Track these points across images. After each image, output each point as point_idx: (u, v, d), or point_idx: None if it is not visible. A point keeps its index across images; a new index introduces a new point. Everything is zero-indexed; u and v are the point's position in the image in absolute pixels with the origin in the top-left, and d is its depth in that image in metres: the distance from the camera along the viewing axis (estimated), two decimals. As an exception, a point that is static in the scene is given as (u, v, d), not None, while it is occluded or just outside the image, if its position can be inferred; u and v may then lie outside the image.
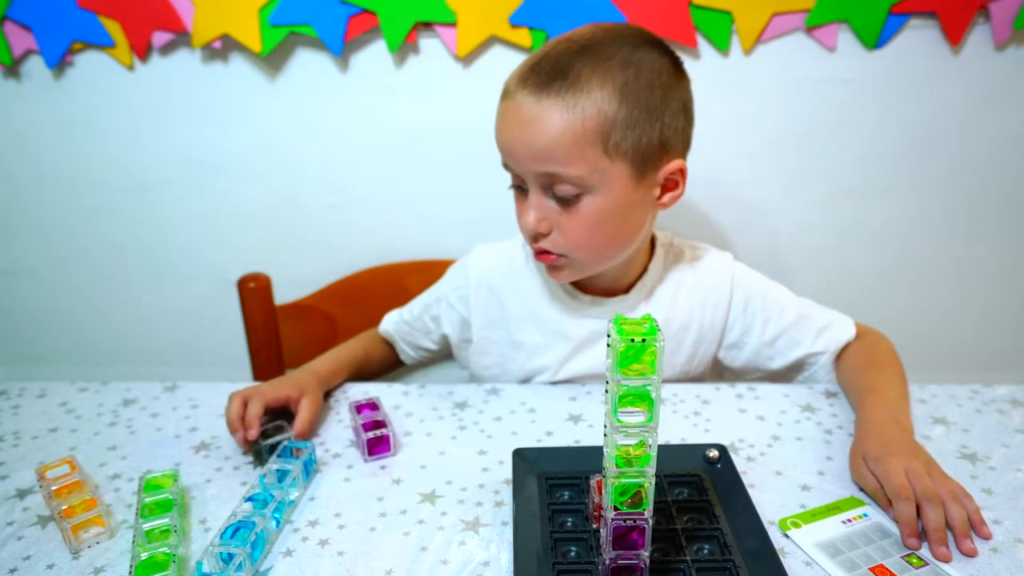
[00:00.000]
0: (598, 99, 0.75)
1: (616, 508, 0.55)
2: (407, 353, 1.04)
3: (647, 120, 0.76)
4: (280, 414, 0.81)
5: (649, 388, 0.52)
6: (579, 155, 0.75)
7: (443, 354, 1.04)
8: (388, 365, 1.05)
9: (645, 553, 0.57)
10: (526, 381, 0.94)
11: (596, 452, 0.59)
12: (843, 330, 0.90)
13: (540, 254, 0.84)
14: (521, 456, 0.71)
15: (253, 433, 0.76)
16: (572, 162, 0.76)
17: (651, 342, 0.50)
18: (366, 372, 0.99)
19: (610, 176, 0.77)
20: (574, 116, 0.74)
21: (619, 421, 0.53)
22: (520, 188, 0.82)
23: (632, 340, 0.50)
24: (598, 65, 0.75)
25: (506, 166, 0.82)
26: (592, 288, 0.91)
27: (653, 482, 0.55)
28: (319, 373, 0.88)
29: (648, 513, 0.55)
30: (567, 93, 0.74)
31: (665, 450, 0.69)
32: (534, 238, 0.82)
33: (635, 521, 0.56)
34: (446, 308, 0.97)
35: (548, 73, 0.76)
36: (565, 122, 0.75)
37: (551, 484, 0.68)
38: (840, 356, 0.90)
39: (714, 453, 0.71)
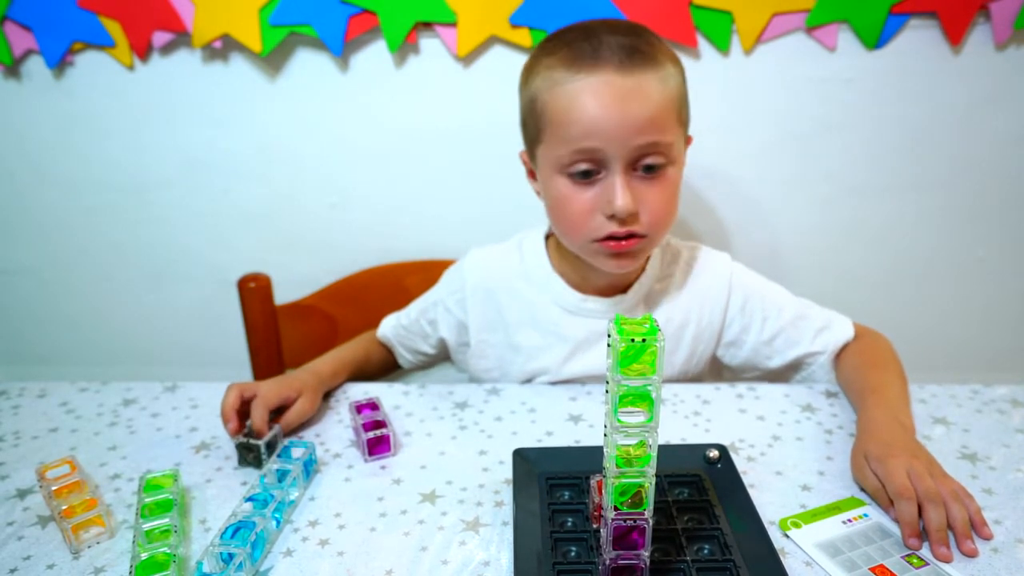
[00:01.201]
0: (672, 73, 0.79)
1: (616, 508, 0.55)
2: (405, 357, 1.04)
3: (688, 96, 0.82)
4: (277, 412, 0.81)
5: (649, 388, 0.52)
6: (671, 124, 0.79)
7: (441, 358, 1.04)
8: (387, 368, 1.05)
9: (645, 553, 0.57)
10: (526, 383, 0.93)
11: (596, 452, 0.59)
12: (841, 330, 0.91)
13: (622, 240, 0.80)
14: (521, 456, 0.71)
15: (263, 431, 0.76)
16: (668, 130, 0.79)
17: (651, 342, 0.50)
18: (366, 374, 0.99)
19: (680, 145, 0.81)
20: (665, 87, 0.78)
21: (619, 421, 0.53)
22: (586, 175, 0.79)
23: (632, 340, 0.50)
24: (656, 44, 0.80)
25: (581, 151, 0.78)
26: (590, 288, 0.91)
27: (653, 482, 0.55)
28: (321, 373, 0.88)
29: (648, 513, 0.55)
30: (653, 67, 0.78)
31: (665, 450, 0.69)
32: (623, 221, 0.79)
33: (635, 521, 0.56)
34: (443, 312, 0.97)
35: (624, 51, 0.77)
36: (660, 93, 0.78)
37: (551, 484, 0.68)
38: (840, 356, 0.90)
39: (714, 453, 0.71)
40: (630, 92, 0.76)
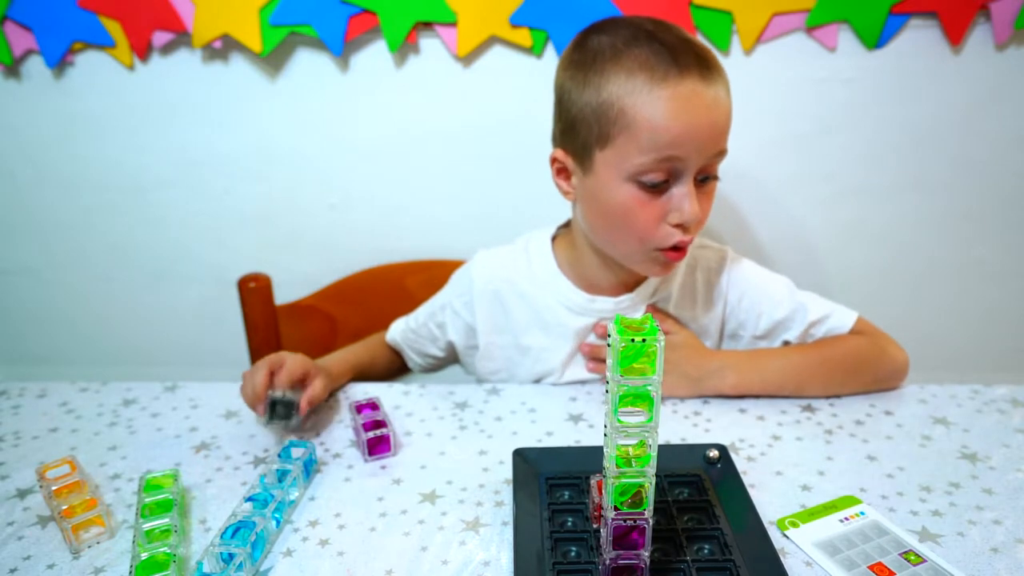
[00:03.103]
0: (727, 80, 0.80)
1: (616, 508, 0.55)
2: (415, 361, 1.04)
3: None
4: None
5: (649, 388, 0.52)
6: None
7: (450, 360, 1.04)
8: (394, 371, 1.05)
9: (645, 553, 0.57)
10: (534, 384, 0.93)
11: (596, 452, 0.59)
12: (836, 320, 0.89)
13: (678, 250, 0.81)
14: (522, 456, 0.71)
15: (283, 385, 0.79)
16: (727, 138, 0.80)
17: (651, 342, 0.50)
18: (371, 377, 0.98)
19: None
20: (729, 95, 0.79)
21: (619, 421, 0.53)
22: (655, 186, 0.78)
23: (632, 340, 0.50)
24: (708, 47, 0.80)
25: (664, 160, 0.76)
26: (597, 288, 0.91)
27: (653, 482, 0.55)
28: (330, 371, 0.88)
29: (648, 513, 0.55)
30: (722, 74, 0.78)
31: (665, 450, 0.69)
32: (687, 230, 0.80)
33: (635, 521, 0.56)
34: (451, 315, 0.97)
35: (696, 58, 0.76)
36: (729, 100, 0.79)
37: (551, 484, 0.68)
38: None
39: (714, 453, 0.71)
40: (713, 101, 0.76)
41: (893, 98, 1.11)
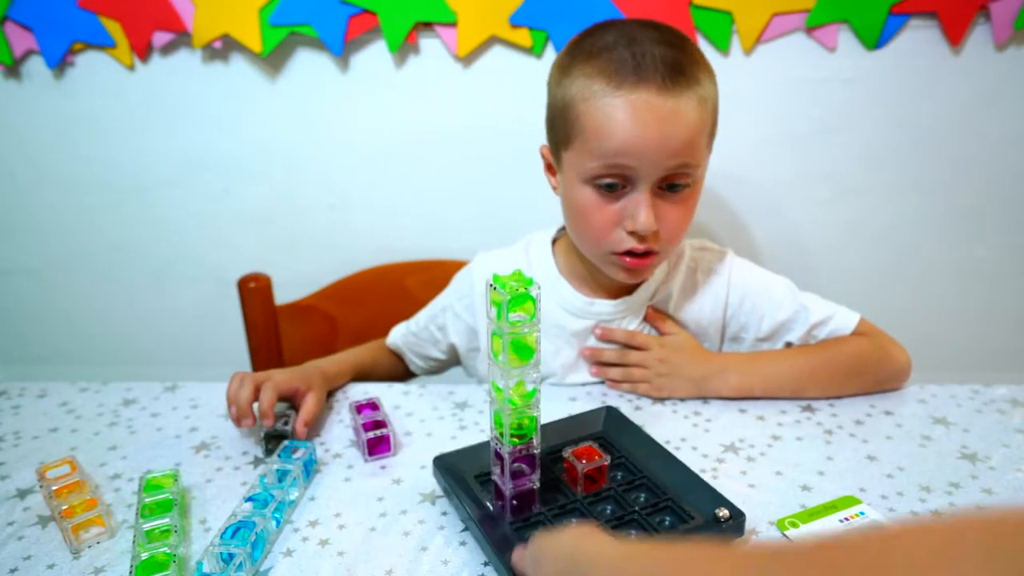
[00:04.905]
0: (709, 91, 0.78)
1: (502, 441, 0.63)
2: (416, 364, 1.03)
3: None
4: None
5: (527, 333, 0.59)
6: (701, 146, 0.78)
7: (452, 363, 1.03)
8: (395, 375, 1.04)
9: (536, 477, 0.64)
10: None
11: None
12: (839, 322, 0.89)
13: (639, 257, 0.81)
14: (443, 461, 0.71)
15: (268, 423, 0.77)
16: (699, 152, 0.78)
17: (528, 293, 0.58)
18: (371, 380, 0.98)
19: (705, 163, 0.81)
20: (702, 108, 0.77)
21: (503, 364, 0.60)
22: (611, 187, 0.78)
23: (510, 290, 0.57)
24: (697, 58, 0.78)
25: (611, 166, 0.76)
26: (597, 290, 0.90)
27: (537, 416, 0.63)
28: (326, 372, 0.88)
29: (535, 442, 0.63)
30: (693, 86, 0.76)
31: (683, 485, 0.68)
32: (643, 238, 0.79)
33: (526, 451, 0.63)
34: (452, 318, 0.97)
35: (666, 68, 0.74)
36: (698, 115, 0.76)
37: (481, 481, 0.70)
38: None
39: (724, 512, 0.63)
40: (669, 115, 0.75)
41: (893, 98, 1.11)
